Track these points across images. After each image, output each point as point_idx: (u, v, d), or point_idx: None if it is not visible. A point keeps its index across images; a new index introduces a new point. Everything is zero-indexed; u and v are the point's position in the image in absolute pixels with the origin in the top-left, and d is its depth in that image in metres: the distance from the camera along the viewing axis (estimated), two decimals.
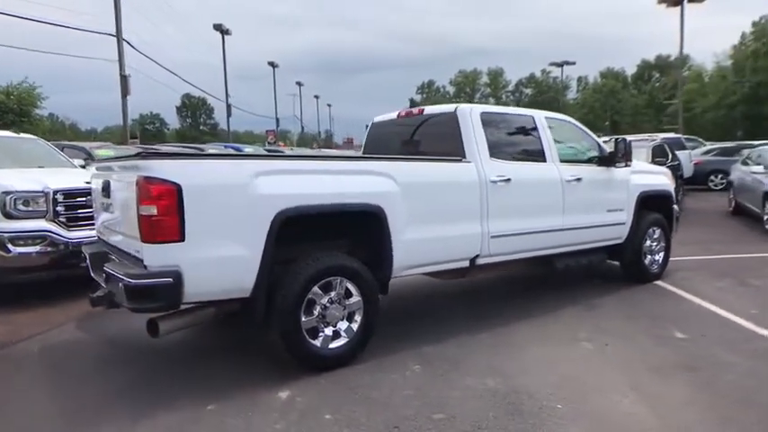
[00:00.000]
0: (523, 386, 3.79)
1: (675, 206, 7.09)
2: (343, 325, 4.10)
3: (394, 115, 5.91)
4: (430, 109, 5.56)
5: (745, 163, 11.58)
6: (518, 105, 68.66)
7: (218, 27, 37.12)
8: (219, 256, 3.54)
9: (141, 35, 58.75)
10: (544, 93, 77.37)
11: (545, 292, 6.27)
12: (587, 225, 5.80)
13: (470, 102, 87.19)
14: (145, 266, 3.43)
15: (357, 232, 4.29)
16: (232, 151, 13.12)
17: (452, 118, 5.07)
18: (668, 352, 4.41)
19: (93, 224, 6.12)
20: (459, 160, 4.84)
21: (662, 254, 6.74)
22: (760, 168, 10.25)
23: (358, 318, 4.15)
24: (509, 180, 5.02)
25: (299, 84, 61.54)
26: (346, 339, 4.10)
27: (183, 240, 3.40)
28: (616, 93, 71.10)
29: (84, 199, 6.16)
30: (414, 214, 4.38)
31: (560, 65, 49.42)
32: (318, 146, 57.69)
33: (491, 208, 4.91)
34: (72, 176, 6.50)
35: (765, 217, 9.82)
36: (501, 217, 4.99)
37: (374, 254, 4.28)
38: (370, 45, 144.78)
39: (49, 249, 5.87)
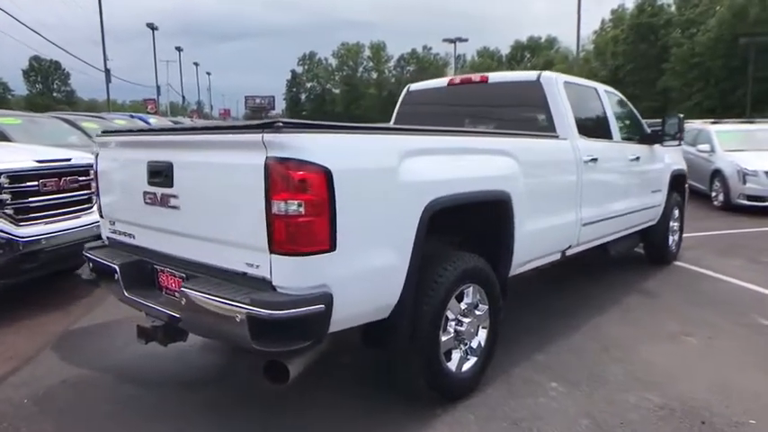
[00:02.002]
0: (688, 398, 3.29)
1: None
2: (475, 342, 3.30)
3: (442, 83, 5.07)
4: (498, 76, 4.79)
5: (691, 143, 12.15)
6: (399, 82, 69.20)
7: None
8: (370, 268, 2.57)
9: None
10: (425, 69, 78.63)
11: (583, 282, 5.86)
12: (640, 207, 5.45)
13: (354, 74, 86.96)
14: (273, 287, 2.37)
15: (475, 225, 3.46)
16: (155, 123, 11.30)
17: (536, 87, 4.37)
18: None
19: (49, 216, 4.75)
20: (556, 137, 4.16)
21: (678, 234, 6.64)
22: (706, 147, 10.76)
23: (483, 331, 3.37)
24: (596, 160, 4.46)
25: (178, 49, 56.44)
26: (475, 358, 3.31)
27: (334, 249, 2.38)
28: (491, 71, 74.20)
29: (35, 183, 4.65)
30: (532, 201, 3.64)
31: (453, 41, 50.12)
32: (194, 116, 53.35)
33: (584, 192, 4.32)
34: (13, 154, 4.91)
35: (713, 194, 10.33)
36: (590, 202, 4.42)
37: (493, 251, 3.49)
38: (248, 11, 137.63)
39: None
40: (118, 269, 3.03)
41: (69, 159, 5.21)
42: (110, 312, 4.74)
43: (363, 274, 2.54)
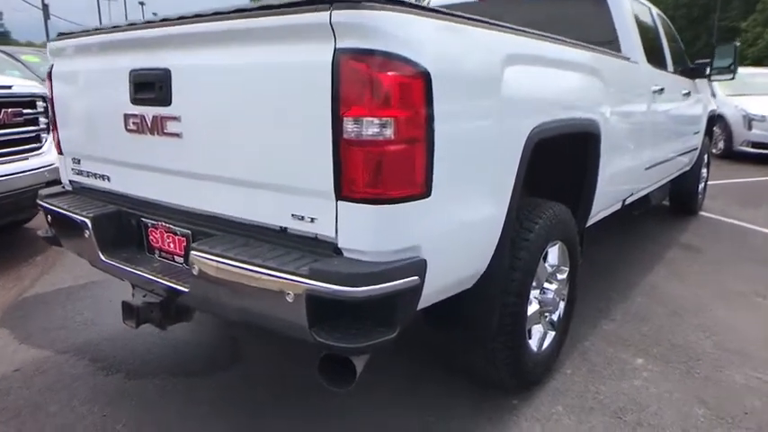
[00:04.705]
0: None
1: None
2: (556, 313, 2.62)
3: None
4: None
5: None
6: None
7: None
8: (465, 220, 1.81)
9: None
10: None
11: (617, 235, 5.27)
12: (683, 150, 4.84)
13: None
14: (337, 251, 1.59)
15: (557, 166, 2.72)
16: None
17: (598, 1, 3.58)
18: None
19: None
20: (627, 59, 3.42)
21: (704, 182, 6.12)
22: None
23: (562, 301, 2.69)
24: (662, 91, 3.76)
25: None
26: (553, 333, 2.64)
27: (429, 195, 1.61)
28: None
29: None
30: (614, 136, 2.94)
31: None
32: None
33: (650, 129, 3.64)
34: None
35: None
36: (653, 141, 3.75)
37: (573, 199, 2.78)
38: None
39: None
40: (89, 223, 2.17)
41: (10, 87, 4.18)
42: (73, 274, 3.86)
43: (458, 229, 1.78)
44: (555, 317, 2.62)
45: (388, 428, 2.28)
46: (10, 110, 4.01)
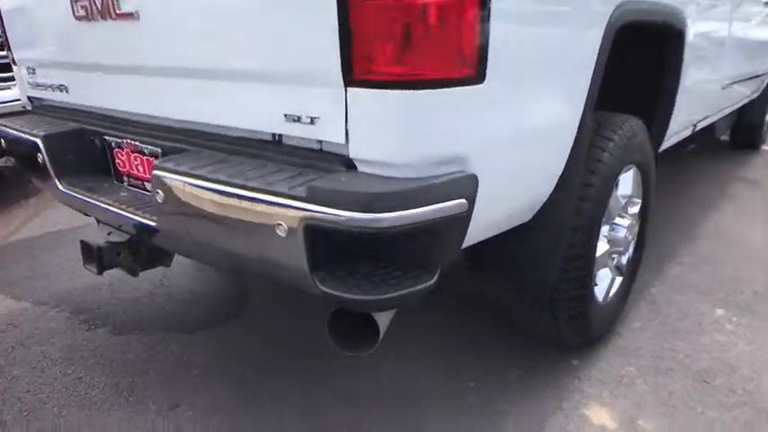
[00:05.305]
0: None
1: None
2: (625, 256, 2.13)
3: None
4: None
5: None
6: None
7: None
8: (531, 126, 1.31)
9: None
10: None
11: (668, 169, 4.68)
12: (757, 72, 4.15)
13: None
14: (349, 163, 1.11)
15: (631, 67, 2.15)
16: None
17: None
18: None
19: None
20: None
21: None
22: None
23: (632, 239, 2.19)
24: None
25: None
26: (620, 279, 2.16)
27: (482, 80, 1.10)
28: None
29: None
30: (698, 38, 2.34)
31: None
32: None
33: (733, 38, 3.01)
34: None
35: None
36: (732, 53, 3.12)
37: (647, 113, 2.22)
38: None
39: None
40: (41, 144, 1.72)
41: None
42: (66, 216, 3.47)
43: (520, 136, 1.28)
44: (624, 259, 2.12)
45: (415, 396, 1.85)
46: None
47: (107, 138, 1.73)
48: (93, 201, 1.64)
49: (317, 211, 1.02)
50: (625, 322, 2.26)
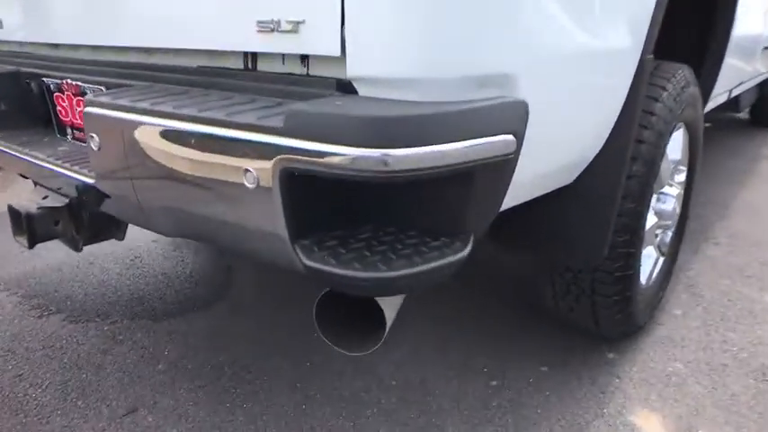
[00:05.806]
0: None
1: None
2: (669, 232, 1.82)
3: None
4: None
5: None
6: None
7: None
8: (588, 50, 0.97)
9: None
10: None
11: None
12: None
13: None
14: (347, 84, 0.78)
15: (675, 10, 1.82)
16: None
17: None
18: None
19: None
20: None
21: None
22: None
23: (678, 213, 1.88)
24: None
25: None
26: (663, 259, 1.85)
27: None
28: None
29: None
30: None
31: None
32: None
33: None
34: None
35: None
36: None
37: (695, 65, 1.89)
38: None
39: None
40: None
41: None
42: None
43: (580, 56, 0.95)
44: (667, 236, 1.81)
45: (424, 397, 1.54)
46: None
47: (45, 80, 1.39)
48: (23, 156, 1.30)
49: (300, 149, 0.69)
50: (665, 308, 1.95)
